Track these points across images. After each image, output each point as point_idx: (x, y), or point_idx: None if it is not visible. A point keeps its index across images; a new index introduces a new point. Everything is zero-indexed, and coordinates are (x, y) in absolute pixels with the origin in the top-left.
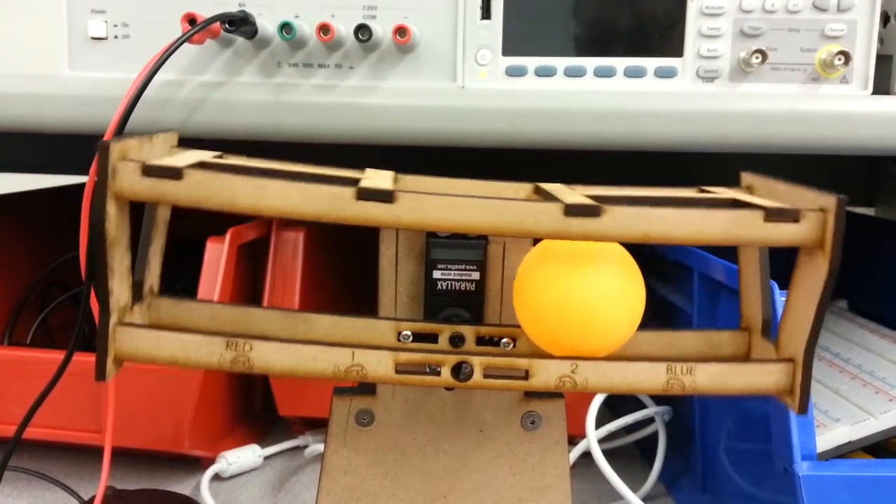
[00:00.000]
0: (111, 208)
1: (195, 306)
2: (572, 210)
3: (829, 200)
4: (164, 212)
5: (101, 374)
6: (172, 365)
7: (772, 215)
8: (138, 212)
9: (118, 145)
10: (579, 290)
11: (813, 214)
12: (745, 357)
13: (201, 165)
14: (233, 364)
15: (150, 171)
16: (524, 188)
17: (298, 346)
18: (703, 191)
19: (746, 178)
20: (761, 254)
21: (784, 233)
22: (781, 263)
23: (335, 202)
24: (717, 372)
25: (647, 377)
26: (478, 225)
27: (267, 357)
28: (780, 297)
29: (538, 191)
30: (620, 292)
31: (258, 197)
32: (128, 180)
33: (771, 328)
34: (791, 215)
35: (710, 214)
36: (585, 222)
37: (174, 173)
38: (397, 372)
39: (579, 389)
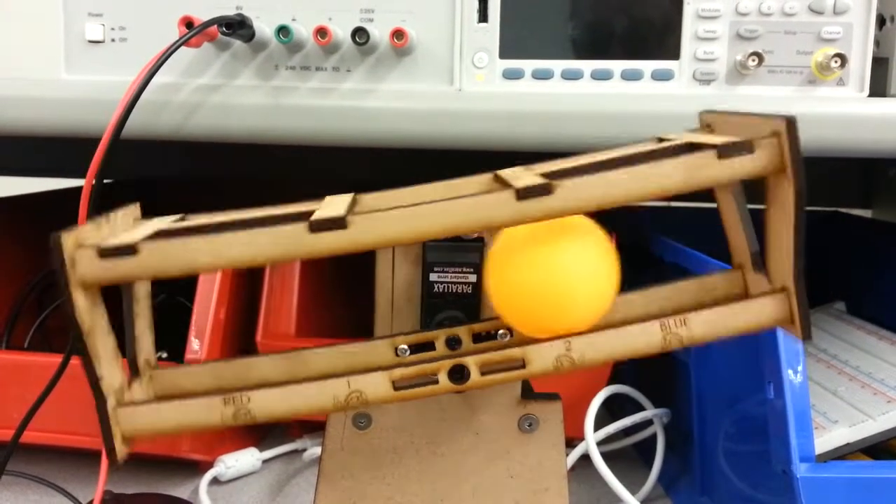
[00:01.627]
0: (79, 299)
1: (194, 369)
2: (524, 193)
3: (778, 123)
4: (143, 286)
5: (111, 455)
6: (179, 432)
7: (725, 151)
8: None
9: (72, 235)
10: (548, 268)
11: (766, 142)
12: (744, 294)
13: (158, 235)
14: (235, 418)
15: (106, 252)
16: (484, 180)
17: (294, 388)
18: (661, 140)
19: (705, 116)
20: (734, 190)
21: (742, 167)
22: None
23: (290, 241)
24: (711, 318)
25: (642, 339)
26: (436, 231)
27: (266, 405)
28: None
29: (497, 179)
30: (589, 265)
31: (216, 254)
32: (87, 267)
33: (761, 259)
34: (744, 148)
35: (663, 165)
36: (540, 202)
37: (130, 250)
38: (396, 389)
39: (578, 366)
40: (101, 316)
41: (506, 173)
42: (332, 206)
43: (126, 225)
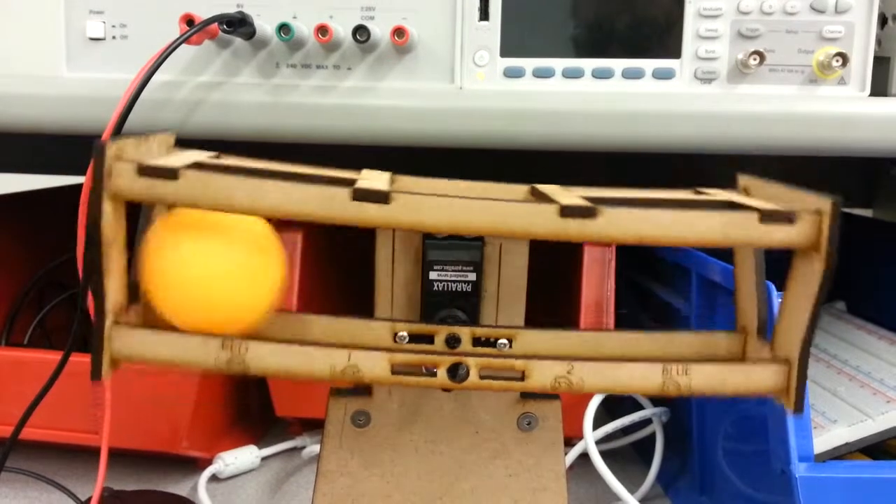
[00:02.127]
0: (107, 208)
1: None
2: (568, 211)
3: (824, 202)
4: (161, 212)
5: (96, 373)
6: (168, 366)
7: (767, 217)
8: (134, 211)
9: (114, 145)
10: (193, 261)
11: (808, 216)
12: (742, 358)
13: (198, 166)
14: (229, 365)
15: (146, 171)
16: (521, 190)
17: (294, 347)
18: (698, 192)
19: (743, 179)
20: (756, 255)
21: (779, 234)
22: (776, 263)
23: (331, 202)
24: (712, 372)
25: (642, 378)
26: (474, 226)
27: (263, 358)
28: (776, 299)
29: (534, 192)
30: (241, 268)
31: (255, 197)
32: (124, 180)
33: (767, 329)
34: (786, 217)
35: (705, 216)
36: (581, 223)
37: (171, 173)
38: (393, 373)
39: (575, 390)
40: (122, 232)
41: (544, 188)
42: (373, 179)
43: (160, 150)
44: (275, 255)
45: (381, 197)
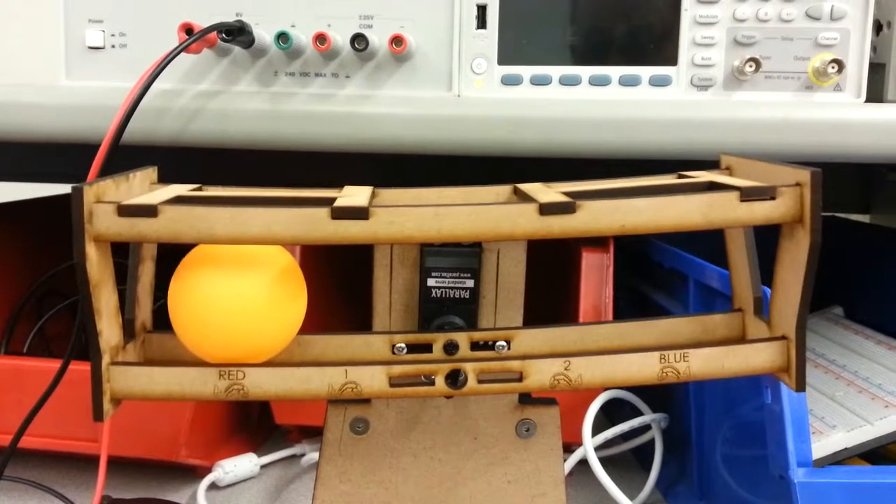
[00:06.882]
0: (91, 251)
1: None
2: (547, 209)
3: (803, 175)
4: (150, 248)
5: (98, 415)
6: (168, 399)
7: (747, 195)
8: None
9: (93, 188)
10: (221, 295)
11: (789, 190)
12: (741, 338)
13: (177, 200)
14: (228, 393)
15: (125, 210)
16: (504, 190)
17: (291, 370)
18: (682, 176)
19: (725, 159)
20: (746, 233)
21: (762, 211)
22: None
23: (311, 224)
24: (711, 356)
25: (640, 368)
26: (457, 233)
27: (261, 383)
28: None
29: (517, 192)
30: (266, 297)
31: (235, 227)
32: (105, 222)
33: (763, 307)
34: (767, 193)
35: (685, 200)
36: (562, 219)
37: (150, 211)
38: (392, 385)
39: (574, 387)
40: (110, 272)
41: (526, 187)
42: (353, 196)
43: (143, 187)
44: (298, 286)
45: (361, 213)
